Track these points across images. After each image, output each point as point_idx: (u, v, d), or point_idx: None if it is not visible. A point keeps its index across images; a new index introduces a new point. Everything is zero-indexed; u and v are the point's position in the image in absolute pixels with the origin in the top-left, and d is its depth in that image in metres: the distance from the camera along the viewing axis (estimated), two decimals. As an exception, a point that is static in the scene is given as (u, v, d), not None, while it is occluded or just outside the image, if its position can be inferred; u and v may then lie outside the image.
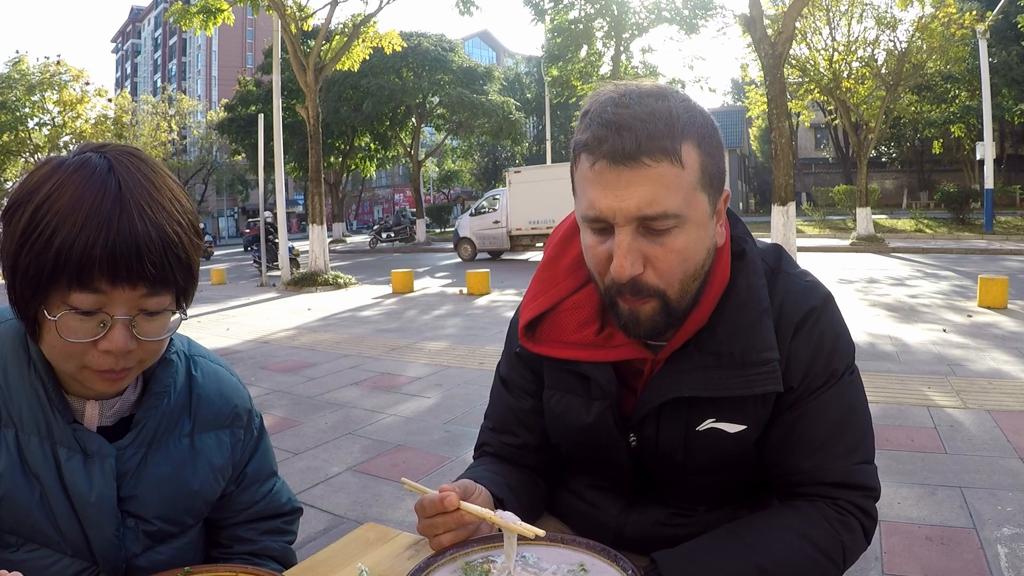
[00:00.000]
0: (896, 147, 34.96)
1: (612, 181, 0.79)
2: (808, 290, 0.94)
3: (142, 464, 0.90)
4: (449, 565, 0.80)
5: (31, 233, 0.74)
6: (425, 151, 34.76)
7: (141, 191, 0.76)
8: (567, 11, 19.75)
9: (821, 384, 0.90)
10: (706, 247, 0.85)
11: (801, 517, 0.88)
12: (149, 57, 79.61)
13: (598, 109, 0.81)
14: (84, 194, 0.74)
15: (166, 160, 38.33)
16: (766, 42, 9.47)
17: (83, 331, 0.76)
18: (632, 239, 0.80)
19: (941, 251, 15.10)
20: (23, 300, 0.77)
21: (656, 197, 0.78)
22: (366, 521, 0.84)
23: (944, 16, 15.91)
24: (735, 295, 0.89)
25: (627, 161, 0.78)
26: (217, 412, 0.99)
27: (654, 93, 0.81)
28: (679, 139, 0.79)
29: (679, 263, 0.82)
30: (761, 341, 0.87)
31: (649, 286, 0.82)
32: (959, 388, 4.50)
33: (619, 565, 0.76)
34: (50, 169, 0.77)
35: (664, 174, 0.78)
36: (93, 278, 0.73)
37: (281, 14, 12.83)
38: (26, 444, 0.84)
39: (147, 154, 0.83)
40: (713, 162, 0.83)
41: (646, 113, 0.78)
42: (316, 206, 13.73)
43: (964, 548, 2.46)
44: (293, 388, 5.32)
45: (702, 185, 0.82)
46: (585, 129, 0.82)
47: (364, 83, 26.48)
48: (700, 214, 0.82)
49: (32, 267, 0.74)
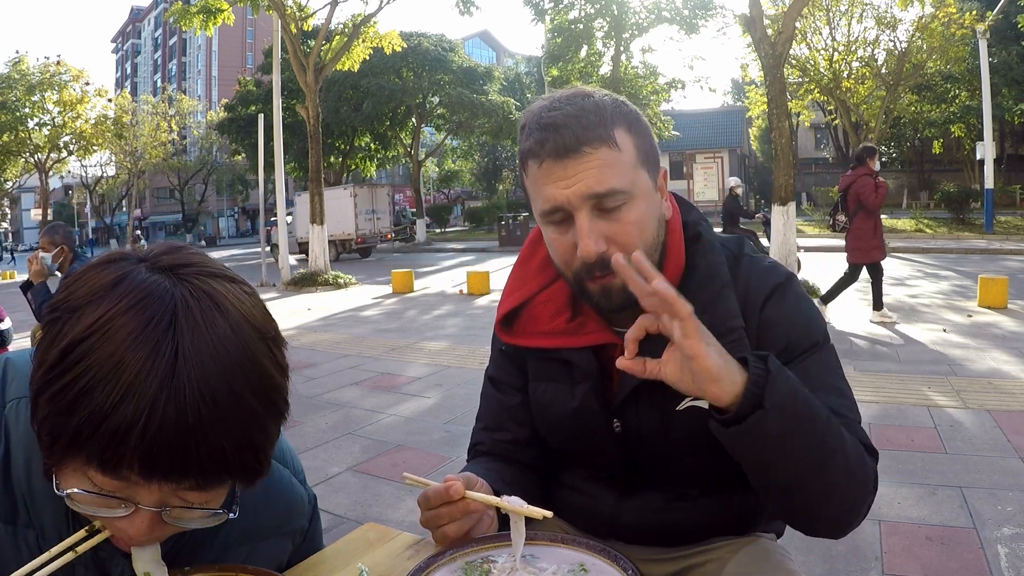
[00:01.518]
0: (896, 147, 34.96)
1: (560, 174, 0.87)
2: (770, 269, 1.00)
3: None
4: (449, 565, 0.80)
5: (59, 377, 0.58)
6: (425, 151, 34.76)
7: (205, 367, 0.58)
8: (567, 11, 19.75)
9: (806, 349, 0.94)
10: (656, 217, 0.93)
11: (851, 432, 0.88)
12: (149, 57, 79.62)
13: (533, 118, 0.90)
14: (131, 352, 0.57)
15: (166, 160, 38.37)
16: (766, 42, 9.47)
17: (100, 505, 0.62)
18: (590, 221, 0.87)
19: (941, 251, 15.10)
20: (40, 441, 0.62)
21: (602, 177, 0.86)
22: (366, 521, 0.83)
23: (944, 16, 15.91)
24: (695, 274, 0.96)
25: (570, 154, 0.86)
26: (259, 524, 0.83)
27: (579, 93, 0.91)
28: (610, 126, 0.88)
29: (637, 233, 0.89)
30: (724, 311, 0.93)
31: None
32: (959, 388, 4.50)
33: (619, 565, 0.76)
34: (107, 283, 0.61)
35: (605, 157, 0.86)
36: (120, 468, 0.58)
37: (281, 14, 12.83)
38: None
39: (232, 290, 0.64)
40: (645, 142, 0.92)
41: (577, 110, 0.87)
42: (316, 206, 13.73)
43: (964, 548, 2.46)
44: (293, 388, 5.30)
45: (640, 163, 0.90)
46: (527, 138, 0.90)
47: (364, 83, 26.48)
48: (644, 188, 0.91)
49: (49, 422, 0.59)
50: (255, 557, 0.84)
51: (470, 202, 43.99)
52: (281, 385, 0.65)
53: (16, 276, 20.07)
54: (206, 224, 52.95)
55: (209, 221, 53.44)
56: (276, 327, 0.67)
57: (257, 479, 0.64)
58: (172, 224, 53.48)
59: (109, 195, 46.48)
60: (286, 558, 0.90)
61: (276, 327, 0.67)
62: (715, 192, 23.65)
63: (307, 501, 0.92)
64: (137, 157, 34.57)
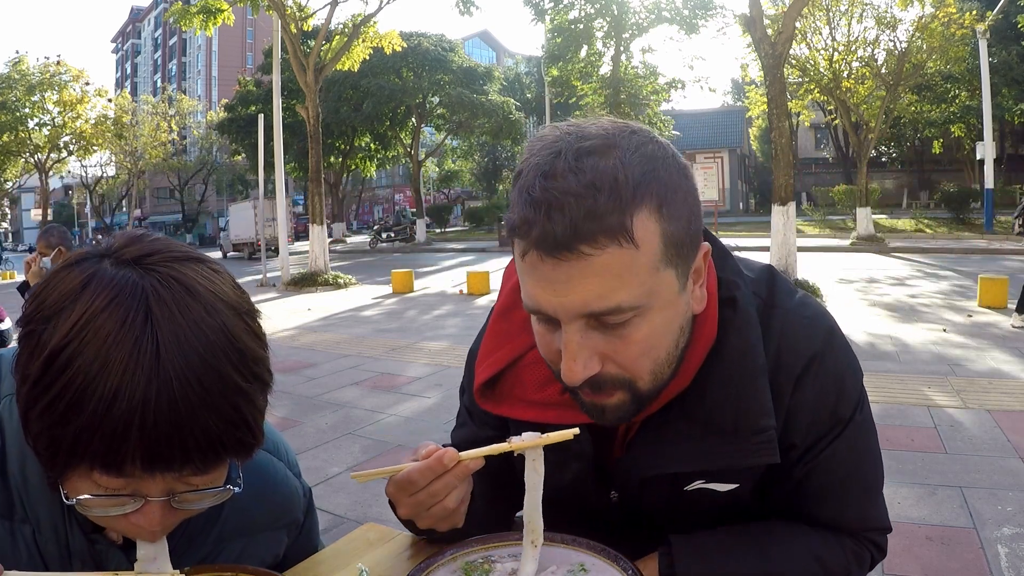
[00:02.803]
0: (896, 147, 34.97)
1: (548, 275, 0.64)
2: (808, 329, 0.81)
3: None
4: (449, 565, 0.80)
5: (46, 390, 0.58)
6: (425, 151, 34.76)
7: (186, 356, 0.58)
8: (567, 11, 19.75)
9: (827, 434, 0.81)
10: (678, 326, 0.72)
11: (820, 538, 0.84)
12: (149, 57, 79.62)
13: (526, 180, 0.65)
14: (112, 355, 0.57)
15: (166, 160, 38.39)
16: (766, 42, 9.47)
17: (110, 505, 0.63)
18: (582, 337, 0.67)
19: (941, 251, 15.10)
20: (38, 455, 0.62)
21: (604, 291, 0.64)
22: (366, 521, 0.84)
23: (944, 16, 15.91)
24: (726, 354, 0.77)
25: (561, 252, 0.62)
26: (253, 519, 0.84)
27: (596, 148, 0.64)
28: (629, 210, 0.63)
29: (644, 353, 0.69)
30: (757, 406, 0.76)
31: (612, 378, 0.71)
32: (959, 388, 4.50)
33: (619, 565, 0.76)
34: (76, 286, 0.60)
35: (612, 262, 0.63)
36: (124, 466, 0.58)
37: (281, 14, 12.83)
38: (43, 547, 0.73)
39: (200, 272, 0.64)
40: (680, 225, 0.67)
41: (582, 185, 0.62)
42: (316, 206, 13.73)
43: (964, 548, 2.46)
44: (293, 388, 5.31)
45: (666, 260, 0.66)
46: (514, 204, 0.66)
47: (364, 83, 26.50)
48: (666, 295, 0.68)
49: (45, 436, 0.59)
50: (251, 551, 0.83)
51: (470, 202, 43.99)
52: (262, 357, 0.66)
53: (16, 276, 20.07)
54: (206, 224, 52.95)
55: (209, 221, 53.42)
56: (249, 300, 0.67)
57: (253, 451, 0.66)
58: (172, 224, 53.49)
59: (109, 195, 46.47)
60: (282, 551, 0.90)
61: (249, 300, 0.67)
62: (715, 192, 23.54)
63: (302, 494, 0.92)
64: (137, 157, 34.58)
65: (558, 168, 0.63)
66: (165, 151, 37.14)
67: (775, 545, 0.82)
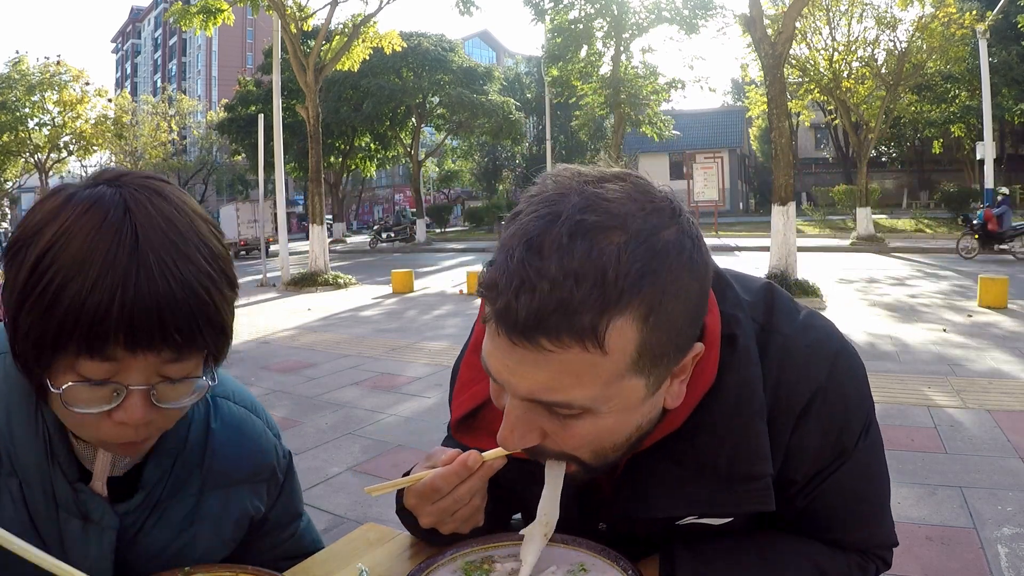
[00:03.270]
0: (896, 147, 34.97)
1: (504, 350, 0.59)
2: (810, 360, 0.75)
3: (140, 531, 0.80)
4: (449, 565, 0.80)
5: (33, 288, 0.63)
6: (425, 151, 34.75)
7: (162, 240, 0.64)
8: (567, 11, 19.75)
9: (830, 465, 0.77)
10: (635, 426, 0.65)
11: (825, 551, 0.82)
12: (149, 57, 79.64)
13: (513, 235, 0.57)
14: (95, 244, 0.62)
15: (166, 160, 38.41)
16: (766, 42, 9.47)
17: (94, 400, 0.66)
18: (524, 411, 0.63)
19: (941, 251, 15.10)
20: (24, 359, 0.67)
21: (556, 385, 0.59)
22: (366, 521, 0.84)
23: (944, 16, 15.91)
24: (722, 396, 0.71)
25: (517, 338, 0.56)
26: (233, 469, 0.87)
27: (598, 226, 0.55)
28: (608, 313, 0.55)
29: (586, 444, 0.64)
30: (751, 452, 0.71)
31: (553, 452, 0.66)
32: (959, 388, 4.51)
33: (619, 565, 0.76)
34: (57, 205, 0.66)
35: (571, 361, 0.56)
36: (107, 346, 0.62)
37: (281, 14, 12.83)
38: (30, 498, 0.75)
39: (170, 186, 0.70)
40: (666, 336, 0.59)
41: (564, 271, 0.54)
42: (316, 206, 13.73)
43: (964, 548, 2.46)
44: (293, 388, 5.32)
45: (636, 370, 0.59)
46: (491, 262, 0.59)
47: (364, 83, 26.48)
48: (626, 402, 0.61)
49: (34, 330, 0.63)
50: (232, 504, 0.87)
51: (470, 202, 43.98)
52: (227, 258, 0.71)
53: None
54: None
55: (210, 221, 53.45)
56: (211, 217, 0.73)
57: (223, 345, 0.70)
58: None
59: (109, 195, 46.38)
60: (263, 508, 0.92)
61: (211, 217, 0.73)
62: (715, 192, 23.63)
63: (282, 454, 0.95)
64: (137, 157, 34.58)
65: (546, 241, 0.55)
66: (165, 151, 37.12)
67: (778, 557, 0.80)
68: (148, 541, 0.81)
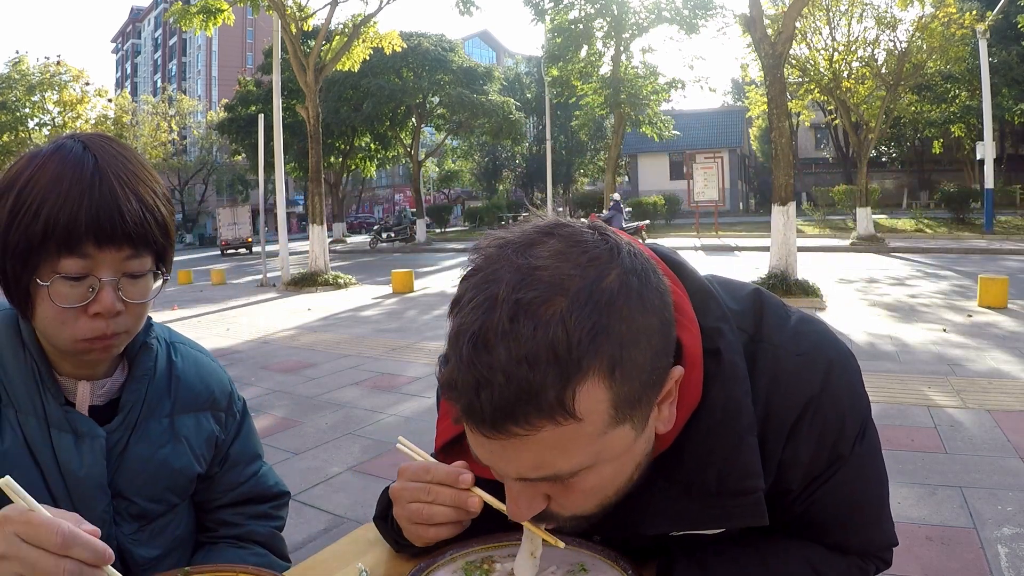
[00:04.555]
0: (896, 147, 34.97)
1: (483, 444, 0.60)
2: (802, 370, 0.73)
3: (125, 446, 0.94)
4: (449, 565, 0.80)
5: (18, 211, 0.79)
6: (425, 151, 34.75)
7: (116, 163, 0.83)
8: (567, 11, 19.76)
9: (825, 472, 0.76)
10: (634, 466, 0.66)
11: (825, 555, 0.81)
12: (149, 57, 79.62)
13: (457, 325, 0.57)
14: (64, 170, 0.80)
15: (166, 160, 38.42)
16: (766, 42, 9.48)
17: (74, 296, 0.81)
18: (523, 487, 0.63)
19: (941, 251, 15.10)
20: (14, 276, 0.82)
21: (541, 463, 0.59)
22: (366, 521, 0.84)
23: (944, 16, 15.91)
24: (709, 412, 0.70)
25: (489, 432, 0.57)
26: (196, 395, 1.03)
27: (537, 300, 0.54)
28: (571, 384, 0.54)
29: (591, 499, 0.65)
30: (742, 467, 0.70)
31: (559, 516, 0.67)
32: (959, 388, 4.51)
33: (619, 565, 0.76)
34: (27, 159, 0.83)
35: (548, 438, 0.56)
36: (80, 242, 0.79)
37: (281, 14, 12.83)
38: (25, 424, 0.87)
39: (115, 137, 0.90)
40: (637, 381, 0.58)
41: (514, 360, 0.53)
42: (316, 206, 13.73)
43: (964, 548, 2.46)
44: (293, 388, 5.32)
45: (616, 422, 0.59)
46: (447, 352, 0.59)
47: (364, 83, 26.48)
48: (618, 448, 0.62)
49: (22, 241, 0.79)
50: (201, 428, 1.02)
51: (470, 202, 43.97)
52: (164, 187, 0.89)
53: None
54: (206, 224, 52.96)
55: (209, 221, 53.43)
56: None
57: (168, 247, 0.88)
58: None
59: (109, 195, 46.38)
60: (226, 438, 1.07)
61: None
62: (715, 192, 23.61)
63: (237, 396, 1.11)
64: (137, 152, 34.58)
65: (489, 332, 0.54)
66: (165, 151, 37.13)
67: (776, 559, 0.80)
68: (134, 456, 0.94)
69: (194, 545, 1.06)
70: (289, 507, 1.18)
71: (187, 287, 14.56)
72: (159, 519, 0.98)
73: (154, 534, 0.97)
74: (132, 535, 0.94)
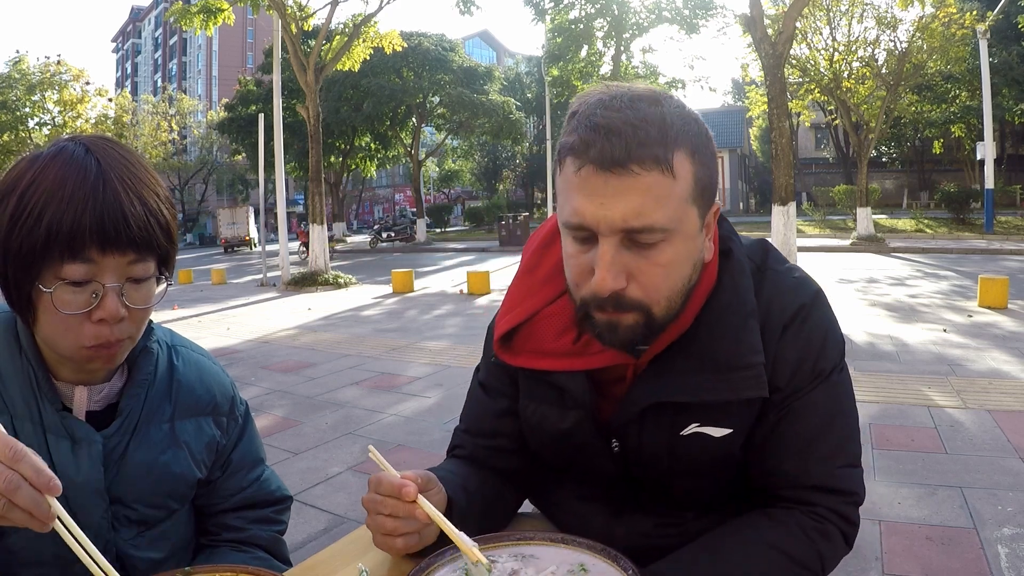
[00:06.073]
0: (896, 147, 34.95)
1: (598, 188, 0.74)
2: (796, 287, 0.90)
3: (124, 451, 0.92)
4: (449, 565, 0.80)
5: (19, 216, 0.78)
6: (425, 151, 34.76)
7: (119, 167, 0.81)
8: (567, 11, 19.76)
9: (807, 385, 0.88)
10: (692, 261, 0.81)
11: (776, 528, 0.86)
12: (149, 57, 79.63)
13: (586, 111, 0.76)
14: (66, 174, 0.78)
15: (166, 160, 38.42)
16: (766, 42, 9.48)
17: (77, 303, 0.80)
18: (616, 252, 0.76)
19: (941, 251, 15.10)
20: (16, 282, 0.80)
21: (644, 209, 0.73)
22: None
23: (944, 16, 15.91)
24: (720, 296, 0.86)
25: (615, 168, 0.72)
26: (197, 399, 1.02)
27: (646, 97, 0.76)
28: (672, 147, 0.74)
29: (664, 278, 0.78)
30: (747, 345, 0.84)
31: (632, 300, 0.78)
32: (959, 388, 4.50)
33: (619, 565, 0.76)
34: (28, 162, 0.82)
35: (654, 184, 0.73)
36: (84, 247, 0.77)
37: (281, 14, 12.83)
38: (20, 430, 0.86)
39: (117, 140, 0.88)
40: (706, 174, 0.78)
41: (638, 118, 0.73)
42: (316, 206, 13.73)
43: (964, 548, 2.46)
44: (293, 388, 5.32)
45: (693, 198, 0.77)
46: (572, 131, 0.77)
47: (364, 83, 26.47)
48: (689, 228, 0.78)
49: (24, 246, 0.77)
50: (201, 433, 1.01)
51: (470, 202, 43.96)
52: (166, 188, 0.87)
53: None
54: (206, 223, 52.97)
55: (209, 221, 53.46)
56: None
57: (171, 251, 0.86)
58: (172, 224, 53.38)
59: (109, 195, 46.34)
60: (227, 443, 1.06)
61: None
62: (715, 192, 23.58)
63: (240, 399, 1.09)
64: (139, 154, 34.60)
65: (616, 104, 0.75)
66: (165, 151, 37.13)
67: (734, 551, 0.84)
68: (133, 462, 0.93)
69: (195, 549, 1.05)
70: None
71: (187, 287, 14.56)
72: (159, 525, 0.97)
73: (154, 539, 0.96)
74: (131, 540, 0.94)
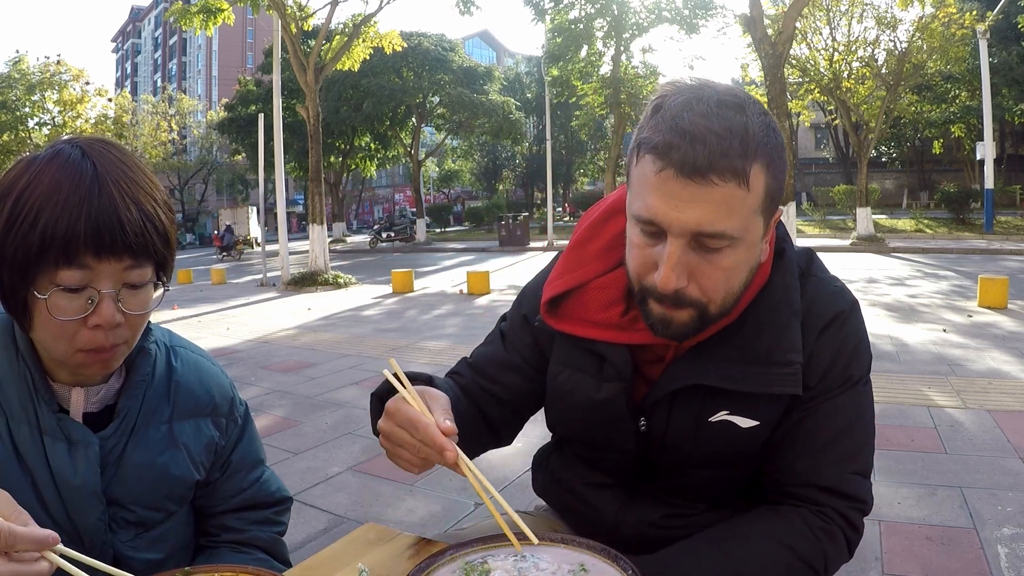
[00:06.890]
0: (896, 147, 34.95)
1: (675, 192, 0.76)
2: (836, 295, 0.94)
3: (121, 453, 0.92)
4: (449, 565, 0.80)
5: (14, 220, 0.76)
6: (425, 151, 34.76)
7: (116, 171, 0.80)
8: (567, 11, 19.76)
9: (836, 387, 0.90)
10: (751, 266, 0.84)
11: (783, 523, 0.87)
12: (149, 57, 79.63)
13: (673, 111, 0.76)
14: (62, 178, 0.77)
15: (166, 160, 38.42)
16: (766, 42, 9.48)
17: (72, 309, 0.78)
18: (683, 252, 0.78)
19: (941, 251, 15.10)
20: (11, 287, 0.79)
21: (717, 217, 0.76)
22: (366, 521, 0.84)
23: (944, 16, 15.92)
24: (771, 294, 0.90)
25: (695, 176, 0.74)
26: (196, 400, 1.01)
27: (733, 104, 0.77)
28: (751, 160, 0.75)
29: (724, 280, 0.81)
30: (788, 342, 0.88)
31: (690, 298, 0.81)
32: (959, 388, 4.50)
33: (619, 565, 0.76)
34: (24, 165, 0.80)
35: (729, 195, 0.75)
36: (79, 253, 0.76)
37: (281, 14, 12.83)
38: (16, 432, 0.86)
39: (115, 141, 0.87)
40: (777, 184, 0.80)
41: (722, 127, 0.74)
42: (316, 206, 13.73)
43: (964, 548, 2.46)
44: (293, 388, 5.31)
45: (761, 209, 0.79)
46: (656, 128, 0.77)
47: (364, 83, 26.48)
48: (753, 237, 0.81)
49: (19, 251, 0.76)
50: (200, 434, 1.00)
51: (470, 202, 43.96)
52: (164, 191, 0.86)
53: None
54: (206, 223, 52.98)
55: (209, 221, 53.46)
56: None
57: (169, 256, 0.85)
58: (172, 224, 53.41)
59: (109, 195, 46.36)
60: (227, 444, 1.05)
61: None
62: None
63: (239, 400, 1.09)
64: (137, 156, 34.54)
65: (704, 109, 0.76)
66: (165, 151, 37.12)
67: (739, 544, 0.85)
68: (131, 464, 0.92)
69: (194, 550, 1.05)
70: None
71: (187, 287, 14.56)
72: (157, 526, 0.96)
73: (152, 541, 0.96)
74: (129, 542, 0.93)
